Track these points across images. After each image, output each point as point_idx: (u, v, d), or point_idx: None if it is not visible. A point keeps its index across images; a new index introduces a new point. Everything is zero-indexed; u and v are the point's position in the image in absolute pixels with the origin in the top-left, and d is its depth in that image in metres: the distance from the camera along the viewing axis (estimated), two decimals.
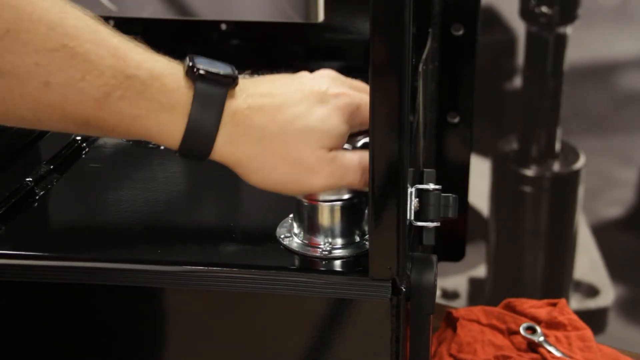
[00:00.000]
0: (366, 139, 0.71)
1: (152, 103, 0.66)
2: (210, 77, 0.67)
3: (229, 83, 0.67)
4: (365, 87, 0.70)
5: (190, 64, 0.67)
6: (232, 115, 0.67)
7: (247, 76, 1.12)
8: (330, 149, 0.69)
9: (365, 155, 0.68)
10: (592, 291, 1.56)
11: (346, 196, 0.74)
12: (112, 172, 0.92)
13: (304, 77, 0.71)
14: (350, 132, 0.71)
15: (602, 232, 1.53)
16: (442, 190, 0.75)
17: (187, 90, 0.67)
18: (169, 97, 0.66)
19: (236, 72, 0.69)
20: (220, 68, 0.68)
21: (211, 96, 0.66)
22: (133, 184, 0.88)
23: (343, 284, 0.72)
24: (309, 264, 0.74)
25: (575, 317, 1.11)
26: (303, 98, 0.69)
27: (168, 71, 0.67)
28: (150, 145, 0.97)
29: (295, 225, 0.77)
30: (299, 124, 0.68)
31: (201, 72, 0.67)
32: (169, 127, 0.66)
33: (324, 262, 0.74)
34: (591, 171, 1.50)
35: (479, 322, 1.11)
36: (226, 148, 0.68)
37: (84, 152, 0.95)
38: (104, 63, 0.64)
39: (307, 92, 0.69)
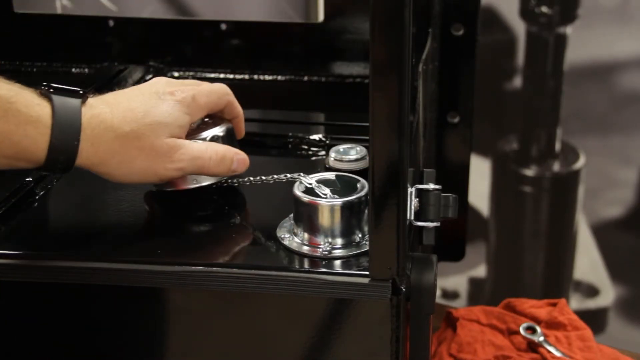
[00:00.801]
0: (209, 133, 0.83)
1: (19, 117, 0.72)
2: (63, 91, 0.75)
3: (81, 95, 0.76)
4: (195, 82, 0.84)
5: (43, 84, 0.75)
6: (89, 121, 0.75)
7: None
8: (178, 137, 0.79)
9: (211, 146, 0.81)
10: (592, 291, 1.56)
11: (206, 183, 0.82)
12: None
13: (140, 85, 0.82)
14: (192, 120, 0.81)
15: (602, 232, 1.53)
16: (442, 190, 0.75)
17: (46, 103, 0.74)
18: (33, 110, 0.73)
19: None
20: (69, 86, 0.77)
21: (68, 106, 0.74)
22: (133, 184, 0.88)
23: (343, 284, 0.72)
24: (309, 264, 0.74)
25: (575, 317, 1.11)
26: (145, 100, 0.79)
27: (25, 90, 0.74)
28: None
29: (295, 225, 0.77)
30: (147, 120, 0.77)
31: (53, 88, 0.75)
32: (36, 138, 0.73)
33: (324, 262, 0.74)
34: (591, 171, 1.49)
35: (479, 322, 1.11)
36: (90, 149, 0.75)
37: None
38: None
39: (147, 94, 0.80)
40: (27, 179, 0.86)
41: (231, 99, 0.85)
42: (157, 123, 0.77)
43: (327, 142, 0.95)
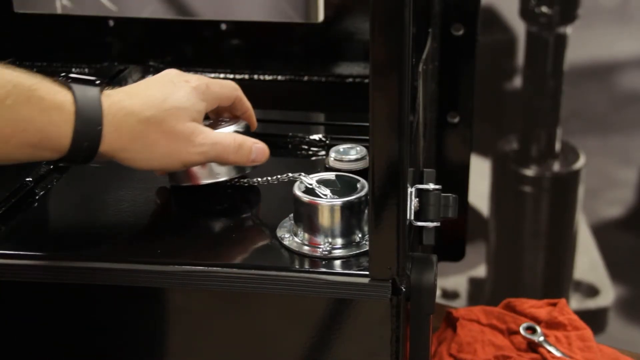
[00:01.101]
0: (229, 130, 0.84)
1: (42, 104, 0.72)
2: (80, 81, 0.76)
3: (99, 85, 0.77)
4: (204, 77, 0.84)
5: (61, 75, 0.76)
6: (109, 107, 0.75)
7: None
8: (197, 123, 0.80)
9: (230, 134, 0.82)
10: (592, 291, 1.56)
11: (222, 179, 0.83)
12: (112, 172, 0.92)
13: (153, 76, 0.83)
14: (207, 108, 0.82)
15: (602, 232, 1.53)
16: (442, 190, 0.75)
17: (67, 91, 0.74)
18: (55, 97, 0.73)
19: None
20: (87, 76, 0.78)
21: (88, 94, 0.75)
22: (133, 184, 0.88)
23: (343, 284, 0.72)
24: (309, 264, 0.74)
25: (575, 317, 1.11)
26: (162, 87, 0.80)
27: (45, 79, 0.74)
28: None
29: (295, 225, 0.77)
30: (167, 104, 0.78)
31: (71, 78, 0.75)
32: (60, 124, 0.73)
33: (324, 262, 0.74)
34: (591, 171, 1.50)
35: (479, 322, 1.11)
36: (113, 135, 0.75)
37: None
38: None
39: (162, 82, 0.81)
40: (27, 179, 0.86)
41: (240, 94, 0.87)
42: (177, 108, 0.78)
43: (327, 142, 0.95)
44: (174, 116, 0.78)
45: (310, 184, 0.77)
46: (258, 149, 0.83)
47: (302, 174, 0.79)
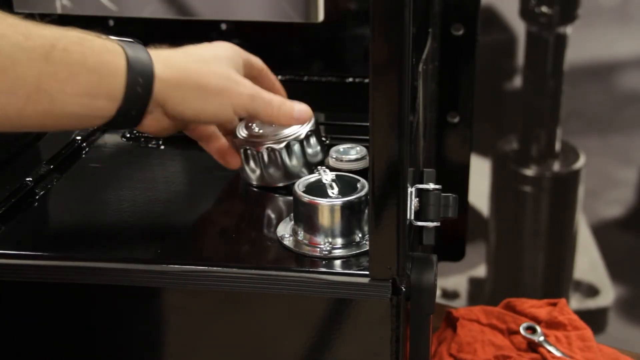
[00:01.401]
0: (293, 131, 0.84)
1: (94, 46, 0.73)
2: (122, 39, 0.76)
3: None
4: None
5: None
6: (157, 54, 0.76)
7: None
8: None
9: (271, 94, 0.82)
10: (592, 291, 1.56)
11: (293, 180, 0.81)
12: (112, 172, 0.92)
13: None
14: (244, 65, 0.83)
15: (602, 232, 1.53)
16: (442, 190, 0.75)
17: (112, 39, 0.75)
18: (105, 41, 0.74)
19: None
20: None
21: (134, 43, 0.76)
22: (133, 184, 0.88)
23: (343, 284, 0.72)
24: (309, 264, 0.74)
25: (575, 317, 1.11)
26: (197, 47, 0.81)
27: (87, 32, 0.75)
28: (150, 145, 0.97)
29: (295, 225, 0.77)
30: (209, 54, 0.80)
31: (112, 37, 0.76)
32: (114, 63, 0.73)
33: (324, 262, 0.74)
34: (591, 171, 1.49)
35: (479, 322, 1.11)
36: (166, 72, 0.76)
37: (84, 152, 0.95)
38: (40, 28, 0.72)
39: (198, 45, 0.82)
40: (27, 179, 0.86)
41: (266, 68, 0.88)
42: (220, 56, 0.80)
43: (327, 142, 0.95)
44: (220, 61, 0.79)
45: (327, 180, 0.77)
46: (301, 110, 0.83)
47: (324, 168, 0.79)
